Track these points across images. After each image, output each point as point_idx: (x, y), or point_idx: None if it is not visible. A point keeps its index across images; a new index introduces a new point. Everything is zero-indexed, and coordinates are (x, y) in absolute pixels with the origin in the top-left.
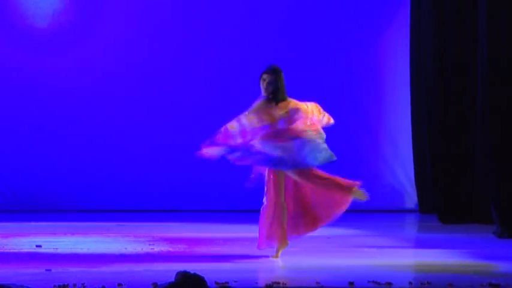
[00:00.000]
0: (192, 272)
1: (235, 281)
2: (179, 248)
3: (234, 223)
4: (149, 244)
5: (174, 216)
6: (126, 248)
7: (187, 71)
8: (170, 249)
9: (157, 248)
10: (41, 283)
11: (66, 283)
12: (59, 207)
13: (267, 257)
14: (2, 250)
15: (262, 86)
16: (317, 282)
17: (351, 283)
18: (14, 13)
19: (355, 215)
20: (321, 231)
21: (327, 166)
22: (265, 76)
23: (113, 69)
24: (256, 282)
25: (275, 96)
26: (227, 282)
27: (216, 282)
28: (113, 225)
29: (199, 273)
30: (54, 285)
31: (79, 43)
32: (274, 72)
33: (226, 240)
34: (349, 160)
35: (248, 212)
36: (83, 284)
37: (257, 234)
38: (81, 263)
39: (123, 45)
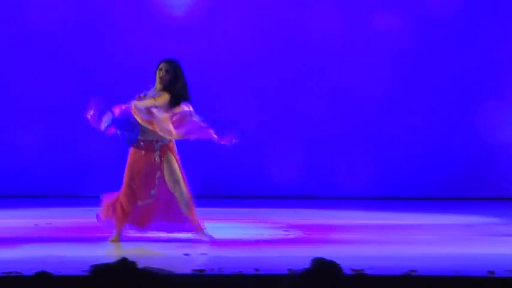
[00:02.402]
0: (327, 258)
1: (370, 269)
2: (315, 235)
3: (370, 210)
4: (284, 230)
5: (310, 203)
6: (262, 234)
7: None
8: (306, 235)
9: (292, 234)
10: (179, 267)
11: (203, 268)
12: (197, 193)
13: (404, 244)
14: (140, 235)
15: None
16: (455, 271)
17: (491, 272)
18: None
19: (496, 203)
20: (459, 220)
21: None
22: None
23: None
24: (392, 270)
25: None
26: (363, 270)
27: (352, 269)
28: (247, 211)
29: (335, 260)
30: (192, 270)
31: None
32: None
33: (362, 227)
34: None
35: (382, 200)
36: (219, 268)
37: (394, 222)
38: (218, 248)
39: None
